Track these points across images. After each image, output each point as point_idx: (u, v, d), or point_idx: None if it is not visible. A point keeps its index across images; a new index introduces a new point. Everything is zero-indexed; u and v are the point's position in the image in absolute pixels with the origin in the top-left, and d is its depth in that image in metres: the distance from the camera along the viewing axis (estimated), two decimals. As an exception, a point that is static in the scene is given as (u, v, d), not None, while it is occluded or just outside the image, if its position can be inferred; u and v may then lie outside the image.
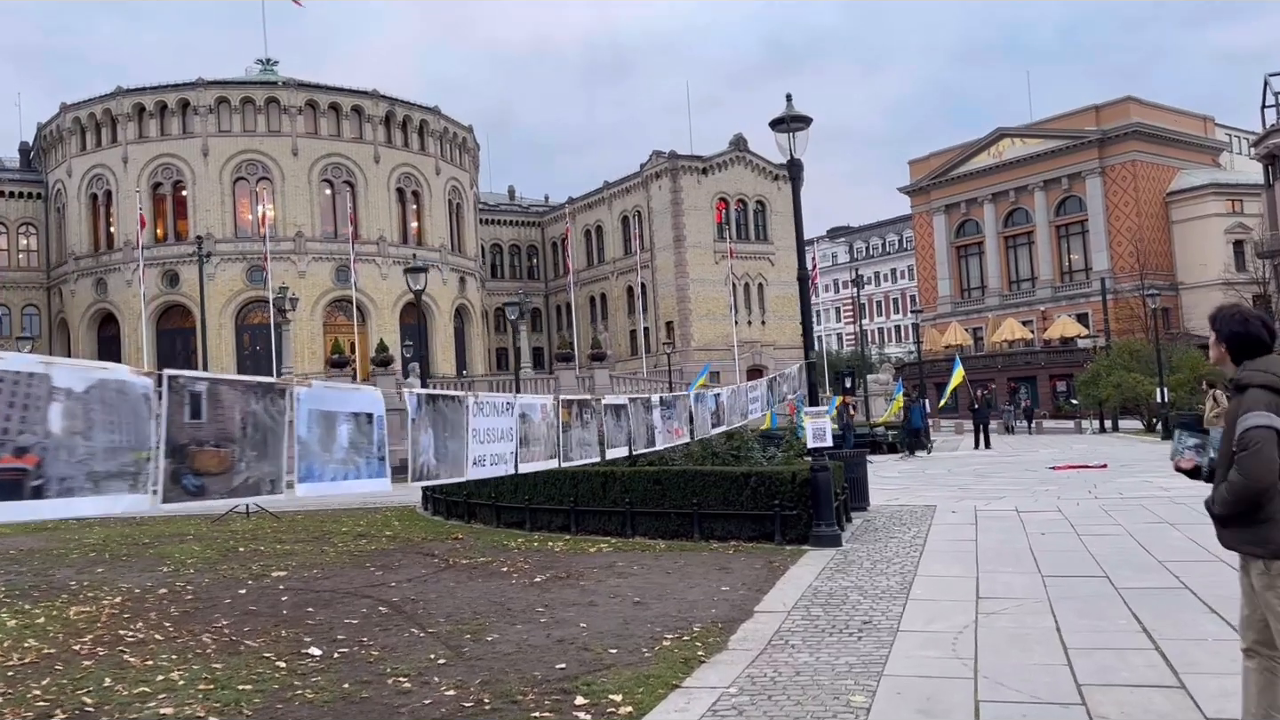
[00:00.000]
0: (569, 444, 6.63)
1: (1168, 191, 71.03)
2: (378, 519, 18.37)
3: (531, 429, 6.24)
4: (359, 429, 4.33)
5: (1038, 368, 68.11)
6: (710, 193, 72.09)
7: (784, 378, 14.98)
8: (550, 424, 6.45)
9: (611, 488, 13.68)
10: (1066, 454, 29.63)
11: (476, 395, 5.33)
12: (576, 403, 6.88)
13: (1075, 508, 14.97)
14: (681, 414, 9.24)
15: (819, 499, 11.74)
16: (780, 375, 14.96)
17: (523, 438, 6.06)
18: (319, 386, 4.10)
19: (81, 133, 62.72)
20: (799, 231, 12.52)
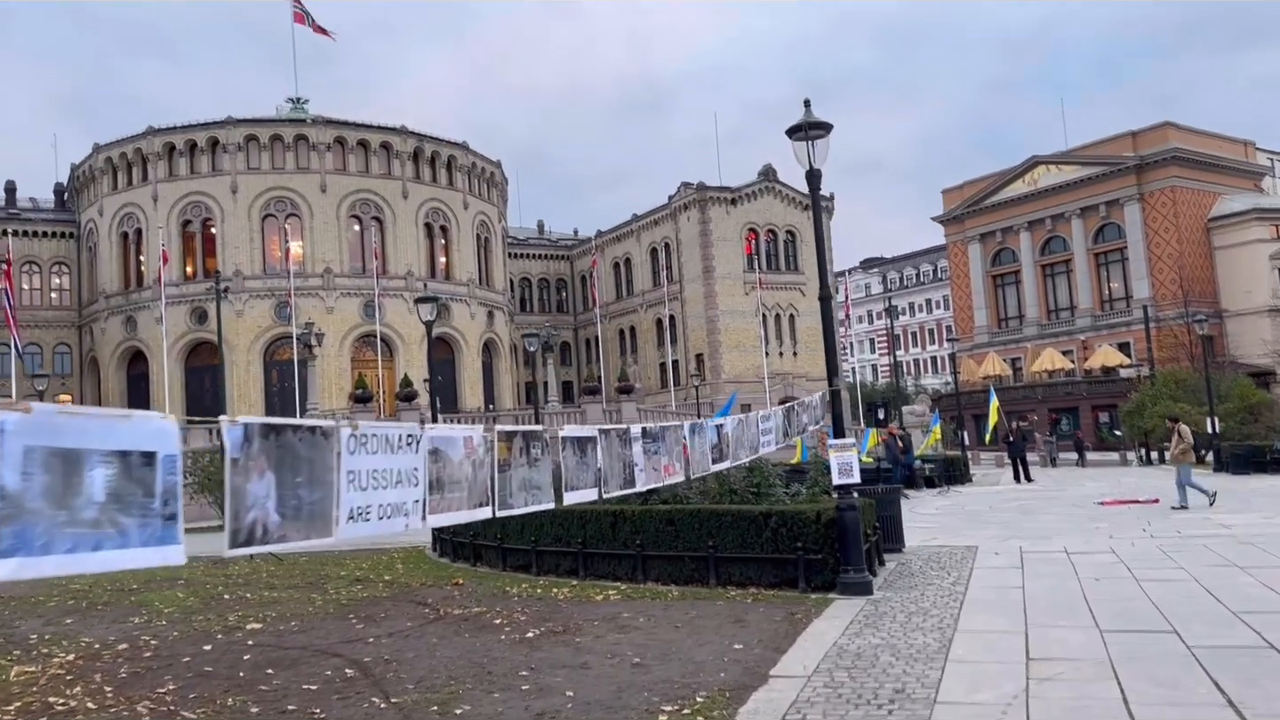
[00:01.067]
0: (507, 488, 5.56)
1: (1209, 217, 69.25)
2: (382, 561, 17.43)
3: (448, 469, 5.08)
4: (127, 475, 3.23)
5: (1079, 398, 66.28)
6: (739, 223, 71.23)
7: (804, 406, 13.78)
8: (480, 462, 5.34)
9: (621, 528, 12.63)
10: (1114, 488, 28.15)
11: (356, 425, 4.32)
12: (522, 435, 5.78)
13: (1130, 548, 13.70)
14: (673, 448, 8.12)
15: (846, 541, 10.63)
16: (800, 404, 13.78)
17: (434, 481, 4.96)
18: (45, 412, 3.03)
19: (113, 172, 63.15)
20: (820, 248, 11.50)
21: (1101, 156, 71.19)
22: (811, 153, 10.99)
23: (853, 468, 10.79)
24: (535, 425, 5.53)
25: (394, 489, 4.67)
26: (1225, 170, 70.91)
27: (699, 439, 9.30)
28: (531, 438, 5.92)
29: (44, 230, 67.12)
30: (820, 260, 11.56)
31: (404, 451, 4.76)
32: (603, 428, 6.83)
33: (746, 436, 10.40)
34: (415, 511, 4.92)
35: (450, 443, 5.18)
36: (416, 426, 4.95)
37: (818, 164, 11.06)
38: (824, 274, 11.51)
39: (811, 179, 11.15)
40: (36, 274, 66.88)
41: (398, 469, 4.71)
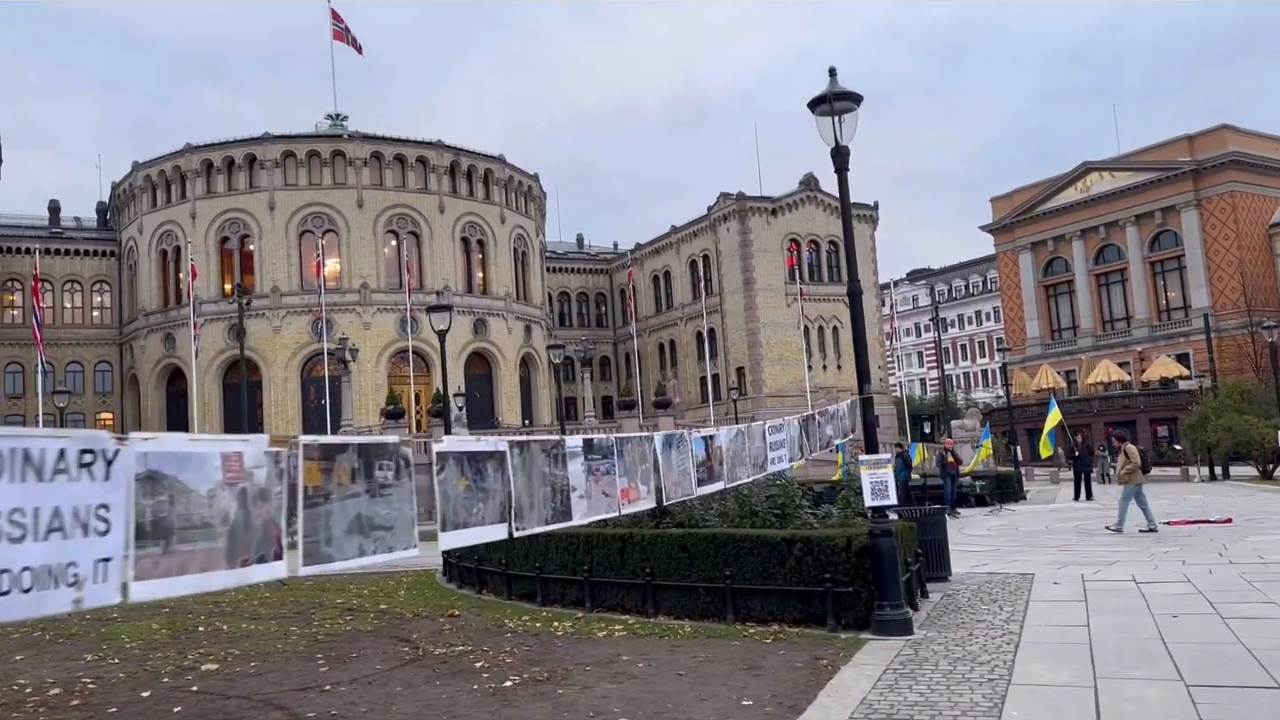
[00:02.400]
0: (321, 530, 4.01)
1: (1271, 223, 66.51)
2: (387, 587, 16.29)
3: (183, 506, 3.45)
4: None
5: (1137, 411, 63.70)
6: (780, 234, 69.74)
7: (829, 416, 12.25)
8: (259, 493, 3.76)
9: (630, 555, 11.34)
10: (1180, 506, 26.25)
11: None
12: (356, 451, 4.15)
13: (1208, 576, 12.12)
14: (636, 466, 6.71)
15: (882, 572, 9.24)
16: (824, 412, 12.28)
17: (149, 525, 3.31)
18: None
19: (152, 190, 63.36)
20: (849, 240, 10.14)
21: (1156, 162, 68.77)
22: (838, 128, 9.67)
23: (888, 487, 9.41)
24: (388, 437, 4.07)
25: (45, 542, 2.97)
26: (1287, 175, 68.13)
27: (677, 455, 7.67)
28: (377, 454, 4.28)
29: (86, 249, 67.57)
30: (849, 252, 10.20)
31: (72, 479, 3.05)
32: (518, 439, 5.42)
33: (749, 451, 8.85)
34: (100, 577, 3.20)
35: (185, 463, 3.50)
36: (106, 437, 3.31)
37: (845, 140, 9.74)
38: (852, 268, 10.17)
39: (838, 157, 9.83)
40: (78, 292, 67.28)
41: (56, 507, 3.03)
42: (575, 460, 5.85)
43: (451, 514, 4.76)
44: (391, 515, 4.32)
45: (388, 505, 4.28)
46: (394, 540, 4.35)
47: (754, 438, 8.63)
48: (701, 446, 7.77)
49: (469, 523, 4.91)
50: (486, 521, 5.06)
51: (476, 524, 5.00)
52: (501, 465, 5.13)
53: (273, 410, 59.73)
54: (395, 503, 4.33)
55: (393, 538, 4.35)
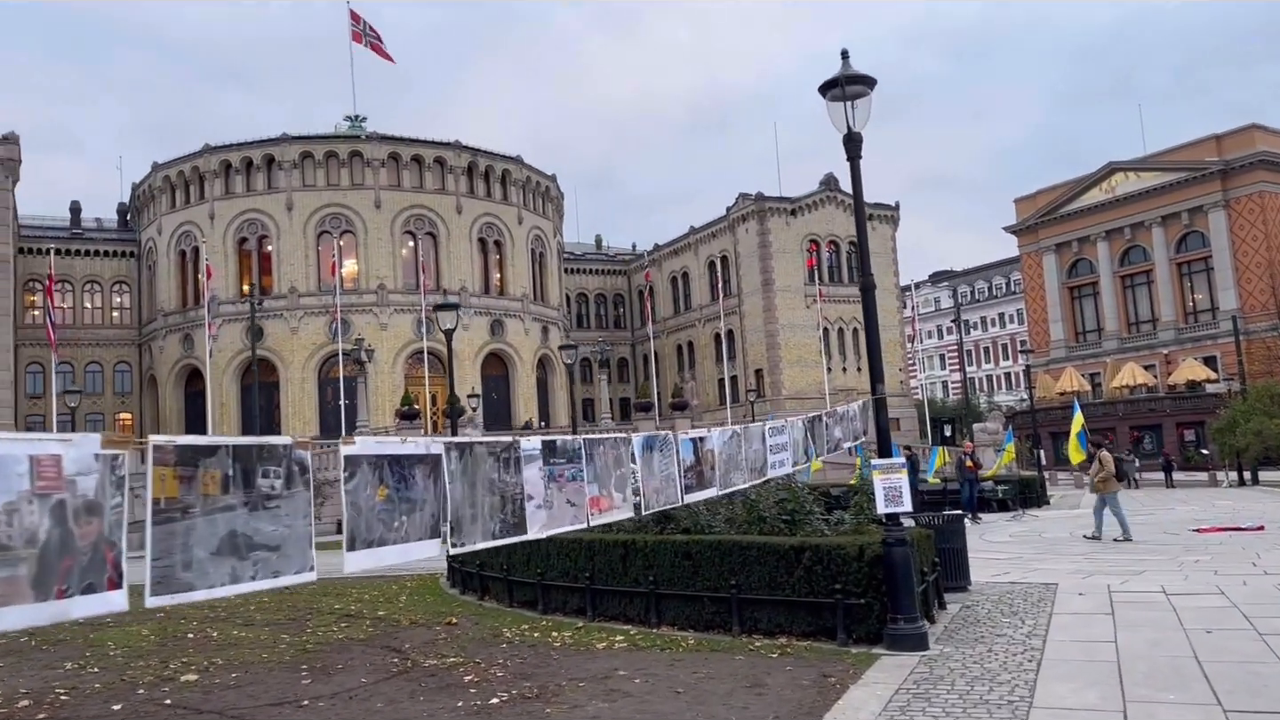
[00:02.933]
0: (179, 550, 3.24)
1: (1301, 224, 65.24)
2: (390, 591, 15.90)
3: None
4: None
5: (1163, 415, 62.71)
6: (800, 234, 69.08)
7: (837, 418, 11.64)
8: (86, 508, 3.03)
9: (633, 562, 10.86)
10: (1209, 512, 25.52)
11: None
12: (230, 454, 3.44)
13: (1243, 588, 11.52)
14: (611, 472, 6.00)
15: (895, 583, 8.72)
16: (832, 414, 11.66)
17: None
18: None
19: (171, 191, 63.46)
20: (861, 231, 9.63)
21: (1183, 162, 67.65)
22: (850, 114, 9.17)
23: (902, 493, 8.89)
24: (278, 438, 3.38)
25: None
26: (1318, 174, 66.82)
27: (660, 458, 6.90)
28: (261, 458, 3.54)
29: (106, 250, 67.80)
30: (862, 245, 9.68)
31: None
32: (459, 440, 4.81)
33: (746, 455, 8.22)
34: None
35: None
36: None
37: (858, 127, 9.23)
38: (865, 261, 9.66)
39: (850, 144, 9.32)
40: (98, 293, 67.50)
41: None
42: (532, 465, 5.19)
43: (363, 529, 4.01)
44: (279, 533, 3.52)
45: (274, 520, 3.50)
46: (282, 563, 3.58)
47: (752, 440, 8.05)
48: (690, 449, 7.14)
49: (386, 539, 4.12)
50: (412, 537, 4.29)
51: (398, 540, 4.21)
52: (435, 471, 4.39)
53: (290, 411, 59.66)
54: (285, 517, 3.55)
55: (280, 560, 3.57)
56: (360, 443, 3.81)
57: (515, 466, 5.01)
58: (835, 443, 11.12)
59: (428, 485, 4.33)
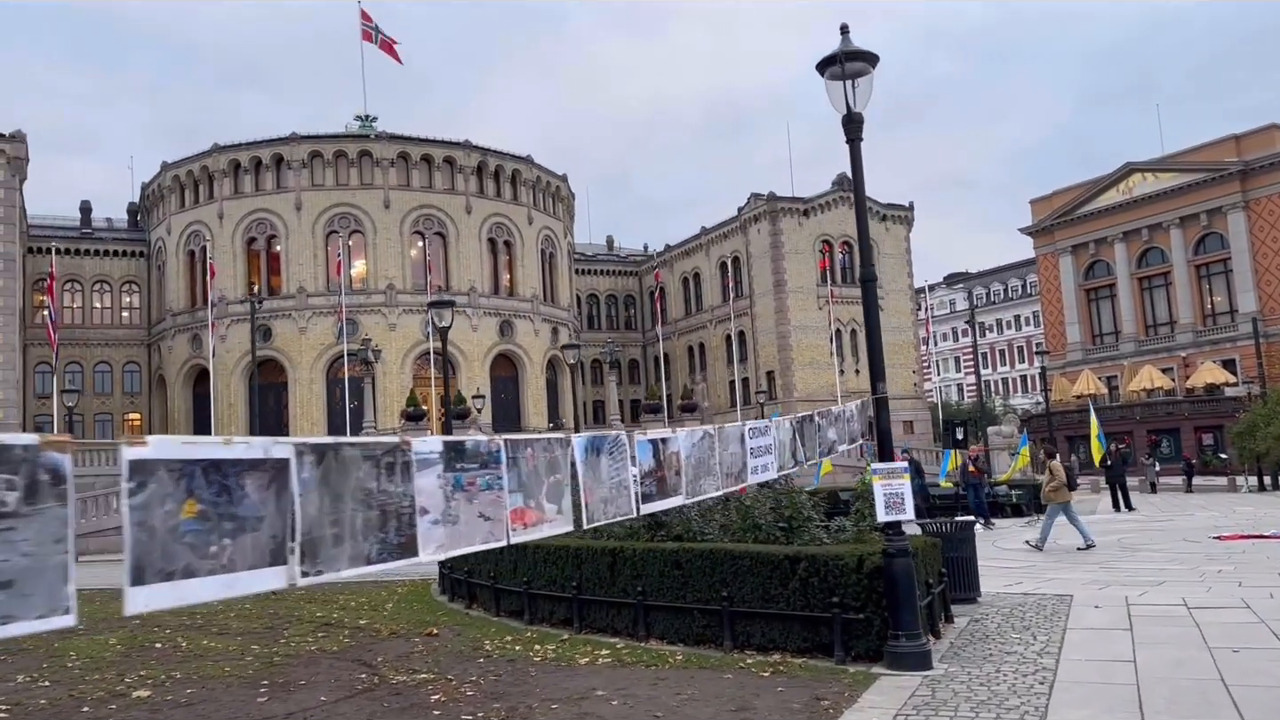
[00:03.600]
0: None
1: (1322, 226, 64.18)
2: (379, 598, 15.37)
3: None
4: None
5: (1180, 419, 61.66)
6: (812, 235, 68.35)
7: (831, 419, 10.91)
8: None
9: (621, 571, 10.27)
10: (1229, 518, 24.75)
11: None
12: None
13: (1269, 602, 10.84)
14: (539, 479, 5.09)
15: (896, 597, 8.11)
16: (825, 414, 10.95)
17: None
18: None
19: (181, 190, 63.26)
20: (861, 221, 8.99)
21: (1202, 162, 66.62)
22: (850, 93, 8.56)
23: (904, 500, 8.28)
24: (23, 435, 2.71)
25: None
26: (1339, 174, 65.72)
27: (610, 463, 5.83)
28: None
29: (115, 250, 67.65)
30: (862, 236, 9.06)
31: None
32: (315, 442, 3.74)
33: (721, 459, 7.56)
34: None
35: None
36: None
37: (858, 107, 8.62)
38: (866, 253, 9.03)
39: (850, 126, 8.72)
40: (108, 293, 67.38)
41: None
42: (428, 472, 4.26)
43: (158, 557, 3.02)
44: (14, 565, 2.63)
45: (9, 548, 2.63)
46: (20, 605, 2.62)
47: (728, 442, 7.36)
48: (648, 453, 6.25)
49: (197, 569, 3.17)
50: (239, 565, 3.32)
51: (216, 570, 3.23)
52: (279, 481, 3.49)
53: (298, 412, 59.32)
54: (26, 544, 2.66)
55: (17, 601, 2.63)
56: (156, 443, 3.08)
57: (404, 473, 4.11)
58: (829, 445, 10.41)
59: (266, 499, 3.43)
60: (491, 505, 4.58)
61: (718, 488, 6.94)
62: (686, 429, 6.53)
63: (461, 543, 4.32)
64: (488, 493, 4.52)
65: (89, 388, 65.75)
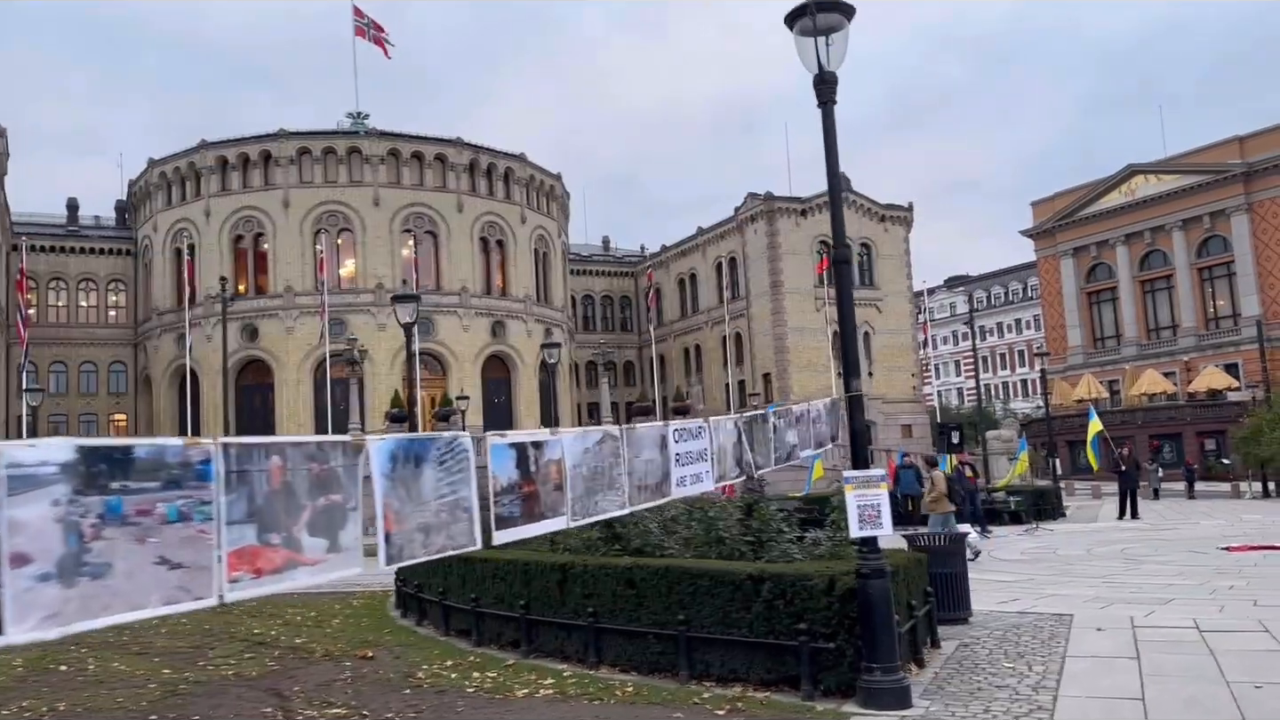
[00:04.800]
0: None
1: (1325, 229, 63.28)
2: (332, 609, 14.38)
3: None
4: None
5: (1183, 424, 60.69)
6: (810, 236, 67.29)
7: (792, 418, 9.60)
8: None
9: (571, 589, 9.25)
10: (1237, 527, 23.71)
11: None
12: None
13: (1290, 625, 9.82)
14: (291, 507, 3.54)
15: (871, 624, 7.10)
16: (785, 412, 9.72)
17: None
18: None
19: (168, 187, 62.22)
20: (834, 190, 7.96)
21: (1205, 164, 65.68)
22: (823, 50, 7.57)
23: (880, 512, 7.27)
24: None
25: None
26: (1343, 176, 64.81)
27: (434, 479, 4.28)
28: None
29: (101, 248, 66.59)
30: (835, 207, 8.03)
31: None
32: None
33: (631, 470, 5.92)
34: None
35: None
36: None
37: (831, 66, 7.62)
38: (839, 230, 8.01)
39: (822, 88, 7.71)
40: (93, 291, 66.32)
41: None
42: (31, 497, 2.73)
43: None
44: None
45: None
46: None
47: (641, 447, 6.10)
48: (509, 462, 4.78)
49: None
50: None
51: None
52: None
53: (285, 413, 58.23)
54: None
55: None
56: None
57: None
58: (788, 450, 9.26)
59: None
60: (184, 545, 3.18)
61: (625, 504, 5.83)
62: (577, 430, 5.43)
63: (107, 608, 2.87)
64: (178, 526, 3.14)
65: (74, 388, 64.73)
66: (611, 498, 5.60)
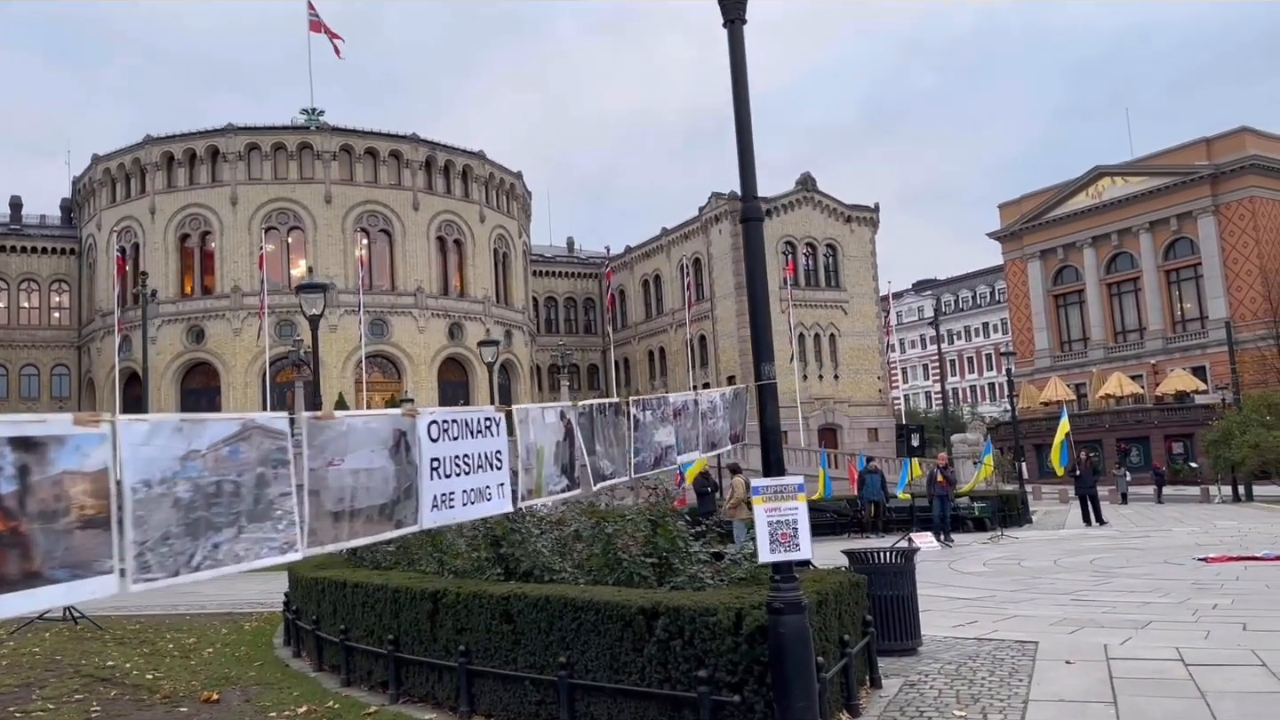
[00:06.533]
0: None
1: (1291, 230, 62.98)
2: (219, 634, 12.77)
3: None
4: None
5: (1150, 426, 60.08)
6: (775, 236, 65.97)
7: (665, 414, 7.26)
8: None
9: (442, 622, 7.73)
10: (1211, 534, 22.56)
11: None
12: None
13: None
14: None
15: (784, 673, 5.65)
16: (656, 402, 7.91)
17: None
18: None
19: (112, 184, 60.08)
20: (742, 126, 6.49)
21: (1172, 166, 65.23)
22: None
23: (796, 531, 5.82)
24: None
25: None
26: (1308, 179, 64.63)
27: None
28: None
29: (44, 247, 64.21)
30: (741, 139, 6.53)
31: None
32: None
33: (318, 491, 4.00)
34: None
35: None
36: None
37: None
38: (749, 183, 6.51)
39: (728, 5, 6.27)
40: (35, 292, 63.92)
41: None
42: None
43: None
44: None
45: None
46: None
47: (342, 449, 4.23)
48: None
49: None
50: None
51: None
52: None
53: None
54: None
55: None
56: None
57: None
58: (658, 453, 7.62)
59: None
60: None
61: (298, 544, 4.04)
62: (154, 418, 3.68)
63: None
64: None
65: (14, 392, 62.30)
66: (258, 537, 3.77)
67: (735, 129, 6.28)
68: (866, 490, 26.87)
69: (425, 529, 5.00)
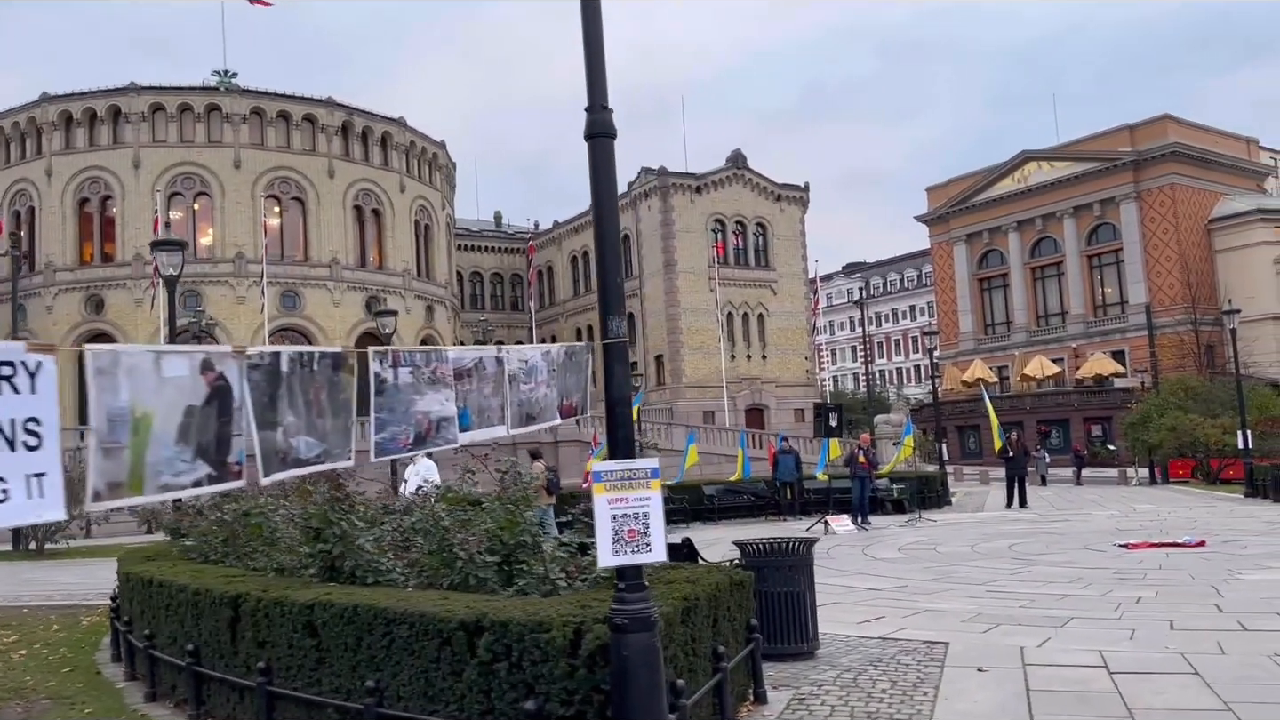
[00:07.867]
0: None
1: (1210, 218, 63.97)
2: (43, 634, 11.27)
3: None
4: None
5: (1070, 409, 60.63)
6: (705, 214, 65.07)
7: (440, 376, 5.41)
8: None
9: (243, 633, 6.43)
10: (1131, 518, 22.10)
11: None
12: None
13: (1222, 660, 7.58)
14: None
15: (626, 701, 4.49)
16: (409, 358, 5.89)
17: None
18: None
19: (6, 144, 56.55)
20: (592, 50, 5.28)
21: (1096, 152, 65.75)
22: None
23: (648, 527, 4.67)
24: None
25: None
26: (1227, 169, 65.68)
27: None
28: None
29: (-69, 209, 60.30)
30: (590, 50, 5.34)
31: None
32: None
33: None
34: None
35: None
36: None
37: None
38: (598, 89, 5.34)
39: None
40: (-79, 258, 60.01)
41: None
42: None
43: None
44: None
45: None
46: None
47: None
48: None
49: None
50: None
51: None
52: None
53: (133, 392, 53.46)
54: None
55: None
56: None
57: None
58: (425, 425, 6.03)
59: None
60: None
61: None
62: None
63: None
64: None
65: None
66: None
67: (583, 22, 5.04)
68: (780, 471, 26.10)
69: None
